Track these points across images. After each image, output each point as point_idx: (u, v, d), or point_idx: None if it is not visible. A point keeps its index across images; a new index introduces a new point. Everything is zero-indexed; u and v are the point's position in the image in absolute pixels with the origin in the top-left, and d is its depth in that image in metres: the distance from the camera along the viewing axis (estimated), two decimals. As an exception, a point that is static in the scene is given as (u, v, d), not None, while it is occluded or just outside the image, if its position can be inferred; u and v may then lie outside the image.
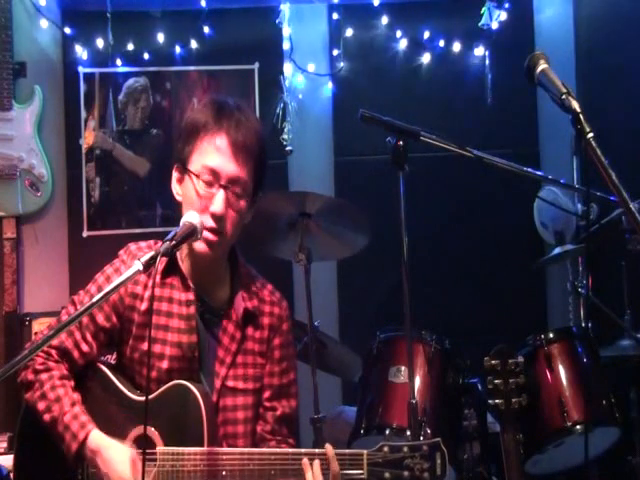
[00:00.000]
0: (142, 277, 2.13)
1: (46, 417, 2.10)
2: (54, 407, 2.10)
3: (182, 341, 2.16)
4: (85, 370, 2.21)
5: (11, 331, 4.07)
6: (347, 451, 2.01)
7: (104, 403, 2.15)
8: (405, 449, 1.96)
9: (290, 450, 2.06)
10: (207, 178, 2.10)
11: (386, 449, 1.97)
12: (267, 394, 2.25)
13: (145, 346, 2.14)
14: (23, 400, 2.19)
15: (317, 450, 2.01)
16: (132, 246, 2.25)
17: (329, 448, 1.99)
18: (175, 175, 2.20)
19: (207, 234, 2.09)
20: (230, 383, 2.19)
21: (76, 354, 2.18)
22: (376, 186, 3.75)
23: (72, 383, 2.16)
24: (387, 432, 2.70)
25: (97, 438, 2.06)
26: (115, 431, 2.10)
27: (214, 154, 2.11)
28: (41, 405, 2.11)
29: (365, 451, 1.98)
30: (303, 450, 2.04)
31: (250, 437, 2.22)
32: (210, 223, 2.09)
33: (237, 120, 2.13)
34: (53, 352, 2.16)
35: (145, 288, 2.18)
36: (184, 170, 2.15)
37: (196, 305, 2.19)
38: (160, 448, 2.05)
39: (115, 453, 2.03)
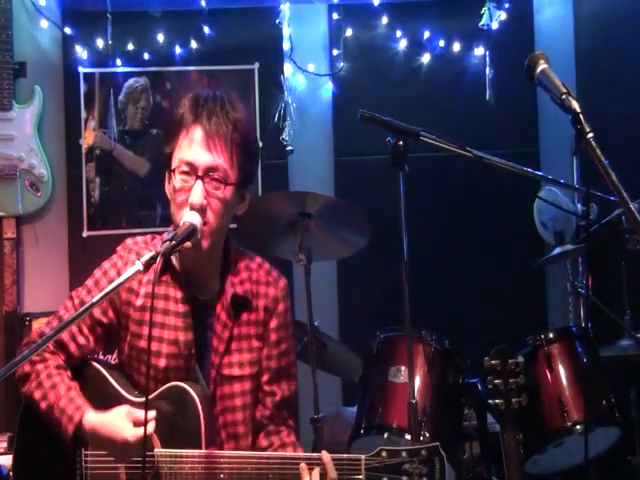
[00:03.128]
0: (137, 272, 2.13)
1: (42, 405, 2.10)
2: (50, 394, 2.09)
3: (179, 339, 2.16)
4: (82, 371, 2.21)
5: (11, 331, 4.07)
6: (345, 456, 2.00)
7: (102, 405, 2.14)
8: (403, 454, 1.94)
9: (288, 454, 2.06)
10: (184, 170, 2.10)
11: (384, 454, 1.95)
12: (266, 377, 2.24)
13: (142, 343, 2.14)
14: (21, 395, 2.18)
15: (315, 455, 2.00)
16: (128, 241, 2.26)
17: (325, 455, 1.98)
18: (167, 179, 2.20)
19: None
20: (225, 371, 2.18)
21: (73, 347, 2.18)
22: (376, 186, 3.74)
23: (68, 373, 2.16)
24: (385, 436, 2.70)
25: (93, 417, 2.05)
26: None
27: (189, 147, 2.10)
28: (37, 394, 2.11)
29: (363, 456, 1.96)
30: (301, 455, 2.04)
31: (250, 424, 2.21)
32: None
33: (210, 110, 2.11)
34: (49, 344, 2.15)
35: (140, 283, 2.18)
36: (168, 170, 2.16)
37: (191, 301, 2.19)
38: (158, 450, 2.05)
39: (112, 425, 2.01)
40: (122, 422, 2.00)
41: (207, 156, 2.09)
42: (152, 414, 1.99)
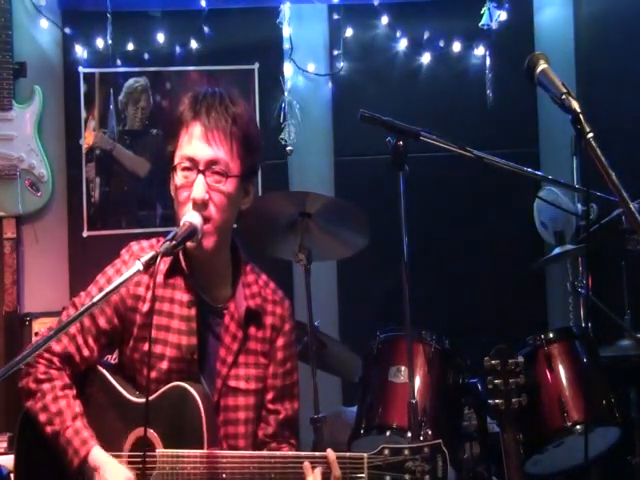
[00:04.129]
0: (144, 278, 2.13)
1: (48, 429, 2.10)
2: (56, 420, 2.09)
3: (182, 343, 2.15)
4: (84, 373, 2.20)
5: (11, 331, 4.07)
6: (347, 454, 1.99)
7: (103, 406, 2.15)
8: (406, 452, 1.93)
9: (290, 453, 2.06)
10: (185, 166, 2.10)
11: (387, 452, 1.94)
12: (270, 396, 2.24)
13: (146, 347, 2.13)
14: (23, 406, 2.18)
15: (317, 454, 2.00)
16: (134, 246, 2.24)
17: (330, 453, 1.97)
18: (170, 179, 2.19)
19: None
20: (232, 383, 2.18)
21: (78, 359, 2.17)
22: (376, 186, 3.74)
23: (74, 392, 2.15)
24: (387, 434, 2.70)
25: (98, 456, 2.06)
26: (114, 434, 2.11)
27: (189, 143, 2.10)
28: (43, 417, 2.11)
29: (365, 454, 1.96)
30: (303, 453, 2.03)
31: (251, 438, 2.20)
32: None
33: (209, 106, 2.11)
34: (55, 359, 2.15)
35: (147, 289, 2.17)
36: (170, 168, 2.15)
37: (197, 306, 2.18)
38: (160, 450, 2.05)
39: (112, 473, 2.03)
40: None
41: (207, 150, 2.09)
42: None
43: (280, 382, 2.25)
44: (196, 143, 2.09)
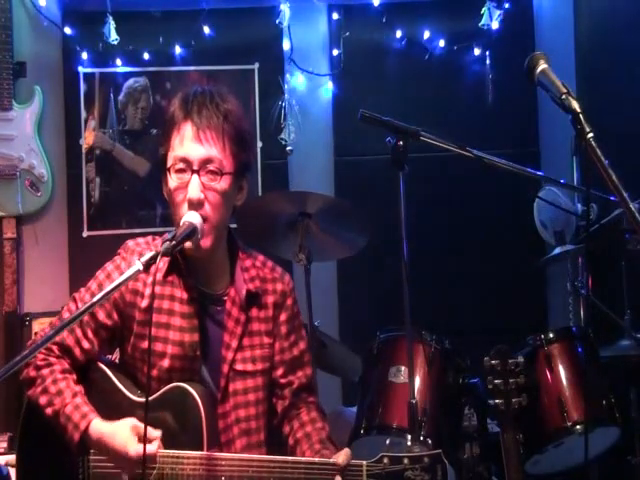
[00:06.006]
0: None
1: (48, 411, 2.10)
2: (56, 400, 2.09)
3: (184, 340, 2.16)
4: (86, 370, 2.20)
5: (11, 331, 4.07)
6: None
7: (105, 404, 2.14)
8: (405, 461, 1.93)
9: (290, 458, 2.05)
10: (179, 167, 2.10)
11: (386, 460, 1.94)
12: (281, 371, 2.26)
13: (146, 344, 2.13)
14: (24, 398, 2.19)
15: (317, 460, 2.01)
16: (130, 242, 2.25)
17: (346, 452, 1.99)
18: (164, 181, 2.19)
19: None
20: (239, 367, 2.19)
21: (77, 351, 2.17)
22: (376, 186, 3.75)
23: (74, 377, 2.16)
24: (387, 442, 2.69)
25: (98, 426, 2.06)
26: None
27: (181, 144, 2.10)
28: (43, 399, 2.11)
29: (364, 462, 1.96)
30: (303, 459, 2.04)
31: (263, 418, 2.22)
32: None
33: (200, 104, 2.11)
34: (54, 348, 2.16)
35: (145, 285, 2.17)
36: (164, 171, 2.15)
37: (198, 300, 2.18)
38: (160, 451, 2.04)
39: (117, 439, 2.03)
40: (127, 437, 2.01)
41: (200, 149, 2.09)
42: (157, 433, 2.00)
43: (288, 355, 2.27)
44: (189, 143, 2.09)
